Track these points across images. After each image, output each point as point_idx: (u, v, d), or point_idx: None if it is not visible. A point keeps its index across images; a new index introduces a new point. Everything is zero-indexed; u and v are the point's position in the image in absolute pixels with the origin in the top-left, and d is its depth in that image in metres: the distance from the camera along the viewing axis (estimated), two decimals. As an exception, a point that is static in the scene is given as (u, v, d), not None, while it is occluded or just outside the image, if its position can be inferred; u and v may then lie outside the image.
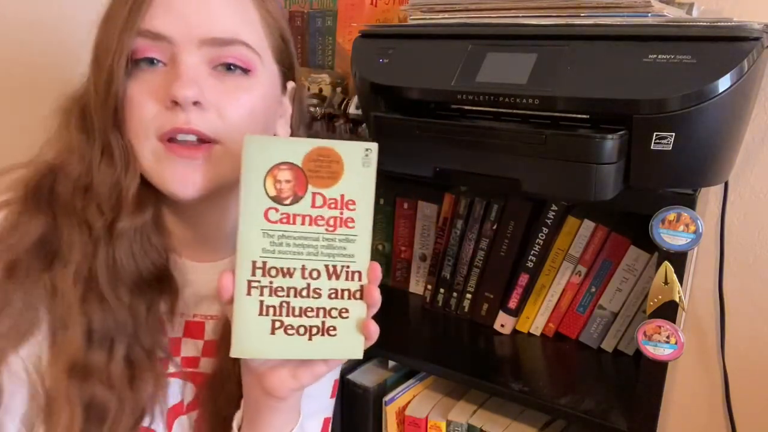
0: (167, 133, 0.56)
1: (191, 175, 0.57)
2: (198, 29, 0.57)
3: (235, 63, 0.59)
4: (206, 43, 0.57)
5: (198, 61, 0.57)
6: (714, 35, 0.62)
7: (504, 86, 0.69)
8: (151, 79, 0.57)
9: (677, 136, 0.62)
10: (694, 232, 0.67)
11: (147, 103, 0.56)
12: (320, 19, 1.09)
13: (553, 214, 0.93)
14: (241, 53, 0.59)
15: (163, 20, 0.56)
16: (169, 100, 0.55)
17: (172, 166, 0.57)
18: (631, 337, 0.91)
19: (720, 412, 0.96)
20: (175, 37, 0.56)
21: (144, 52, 0.57)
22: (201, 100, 0.56)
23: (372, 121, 0.78)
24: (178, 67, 0.56)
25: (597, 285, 0.92)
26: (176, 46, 0.56)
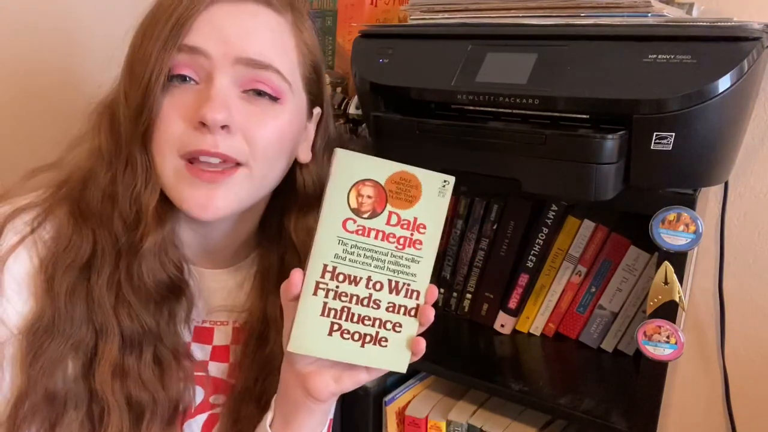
0: (191, 153, 0.57)
1: (212, 200, 0.58)
2: (235, 47, 0.58)
3: (265, 90, 0.60)
4: (241, 62, 0.58)
5: (229, 82, 0.58)
6: (714, 35, 0.62)
7: (504, 86, 0.69)
8: (182, 96, 0.57)
9: (677, 136, 0.62)
10: (694, 232, 0.67)
11: (176, 121, 0.57)
12: (320, 19, 1.09)
13: (553, 214, 0.93)
14: (273, 80, 0.60)
15: (204, 36, 0.57)
16: (197, 120, 0.56)
17: (192, 188, 0.58)
18: (632, 337, 0.91)
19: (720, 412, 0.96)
20: (213, 52, 0.57)
21: (180, 68, 0.57)
22: (230, 124, 0.57)
23: (372, 121, 0.78)
24: (210, 88, 0.57)
25: (597, 285, 0.92)
26: (212, 61, 0.57)
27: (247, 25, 0.59)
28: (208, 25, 0.58)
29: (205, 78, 0.58)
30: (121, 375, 0.60)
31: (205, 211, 0.58)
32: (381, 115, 0.78)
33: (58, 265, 0.59)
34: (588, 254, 0.92)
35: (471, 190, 1.01)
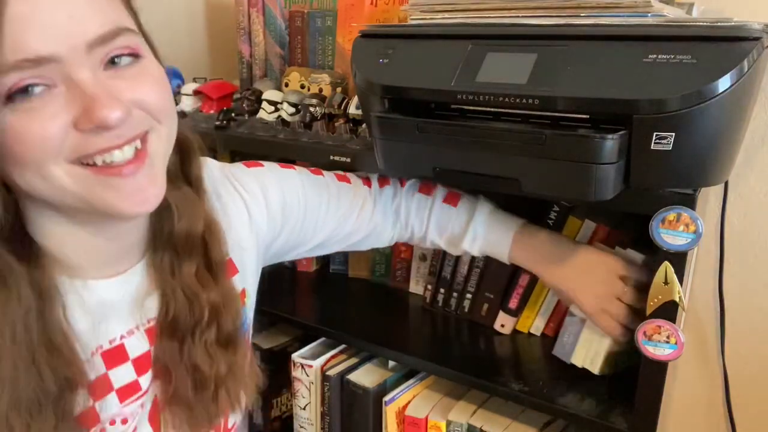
0: (93, 154, 0.50)
1: (146, 191, 0.53)
2: (81, 33, 0.48)
3: (123, 53, 0.52)
4: (93, 45, 0.49)
5: (92, 71, 0.49)
6: (714, 35, 0.62)
7: (504, 86, 0.69)
8: (38, 107, 0.48)
9: (677, 136, 0.62)
10: (694, 232, 0.67)
11: (50, 128, 0.48)
12: (320, 19, 1.09)
13: (555, 214, 0.93)
14: (128, 42, 0.52)
15: (40, 40, 0.46)
16: (91, 124, 0.48)
17: (116, 189, 0.52)
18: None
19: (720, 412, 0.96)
20: (62, 52, 0.47)
21: (19, 85, 0.47)
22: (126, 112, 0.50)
23: (372, 121, 0.78)
24: (81, 87, 0.48)
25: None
26: (65, 63, 0.47)
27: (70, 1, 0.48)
28: (30, 23, 0.46)
29: (61, 80, 0.48)
30: None
31: (143, 205, 0.53)
32: (381, 115, 0.78)
33: None
34: None
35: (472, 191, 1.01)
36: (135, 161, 0.52)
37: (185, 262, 0.64)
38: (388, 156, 0.79)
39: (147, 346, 0.64)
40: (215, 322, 0.65)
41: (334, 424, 1.02)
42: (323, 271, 1.25)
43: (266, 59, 1.16)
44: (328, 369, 1.01)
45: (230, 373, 0.66)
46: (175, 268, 0.63)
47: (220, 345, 0.66)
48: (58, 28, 0.47)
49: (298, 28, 1.13)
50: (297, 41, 1.13)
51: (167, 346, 0.64)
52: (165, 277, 0.63)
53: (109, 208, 0.52)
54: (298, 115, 1.01)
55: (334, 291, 1.18)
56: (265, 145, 0.99)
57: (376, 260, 1.18)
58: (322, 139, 0.95)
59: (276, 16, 1.13)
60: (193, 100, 1.14)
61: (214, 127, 1.04)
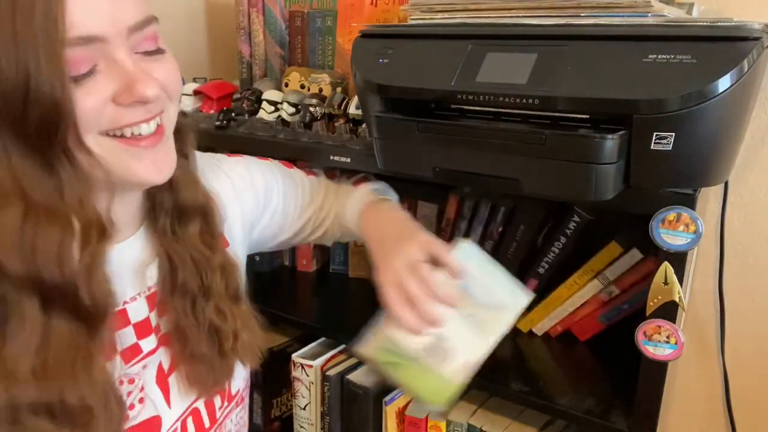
0: (126, 126, 0.55)
1: (163, 161, 0.59)
2: (124, 19, 0.53)
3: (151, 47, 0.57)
4: (132, 31, 0.54)
5: (129, 54, 0.54)
6: (714, 35, 0.62)
7: (504, 86, 0.69)
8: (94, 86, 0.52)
9: (677, 136, 0.62)
10: (694, 232, 0.67)
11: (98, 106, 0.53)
12: (320, 19, 1.09)
13: (575, 224, 0.91)
14: (153, 31, 0.57)
15: (91, 20, 0.51)
16: (133, 99, 0.54)
17: (138, 159, 0.57)
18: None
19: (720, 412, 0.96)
20: (107, 35, 0.52)
21: (78, 67, 0.51)
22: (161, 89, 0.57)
23: (372, 121, 0.78)
24: (122, 67, 0.53)
25: (631, 304, 0.90)
26: (109, 44, 0.52)
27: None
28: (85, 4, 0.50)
29: (103, 58, 0.53)
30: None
31: (159, 174, 0.59)
32: (381, 115, 0.78)
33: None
34: (627, 280, 0.90)
35: (475, 192, 1.01)
36: (155, 135, 0.58)
37: (189, 227, 0.68)
38: (388, 156, 0.79)
39: (147, 312, 0.67)
40: (225, 280, 0.70)
41: (334, 424, 1.02)
42: (323, 271, 1.25)
43: (266, 59, 1.16)
44: (328, 369, 1.01)
45: (244, 325, 0.71)
46: (179, 234, 0.67)
47: (231, 299, 0.70)
48: (105, 12, 0.52)
49: (298, 28, 1.13)
50: (297, 41, 1.14)
51: (179, 309, 0.67)
52: (169, 243, 0.67)
53: (132, 176, 0.57)
54: (298, 115, 1.01)
55: (334, 291, 1.18)
56: (265, 145, 0.99)
57: (375, 260, 1.18)
58: (322, 139, 0.96)
59: (276, 16, 1.13)
60: (193, 100, 1.14)
61: (214, 127, 1.04)
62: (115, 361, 0.63)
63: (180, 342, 0.68)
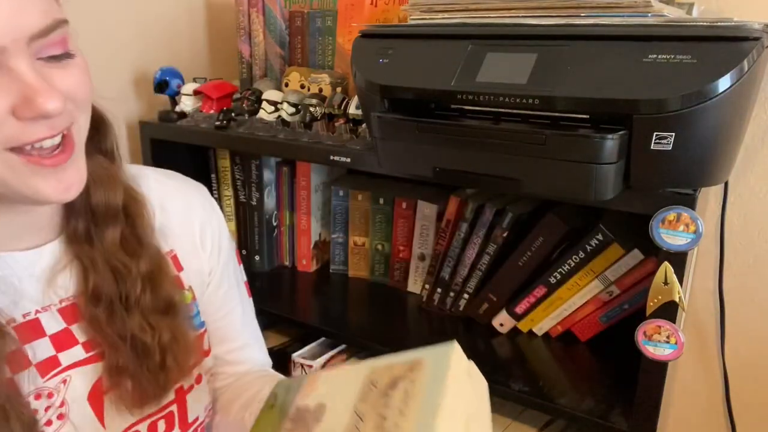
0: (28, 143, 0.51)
1: (68, 180, 0.55)
2: (27, 26, 0.49)
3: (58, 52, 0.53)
4: (34, 38, 0.50)
5: (30, 62, 0.50)
6: (714, 35, 0.62)
7: (504, 86, 0.69)
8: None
9: (677, 136, 0.62)
10: (694, 232, 0.67)
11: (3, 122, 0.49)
12: (320, 19, 1.09)
13: (597, 242, 0.89)
14: (62, 35, 0.53)
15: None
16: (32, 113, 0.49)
17: (43, 178, 0.53)
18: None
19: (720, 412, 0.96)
20: (4, 42, 0.48)
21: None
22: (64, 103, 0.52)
23: (372, 121, 0.78)
24: (22, 77, 0.49)
25: (632, 304, 0.90)
26: (7, 53, 0.48)
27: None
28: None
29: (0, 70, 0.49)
30: None
31: (67, 193, 0.55)
32: (381, 115, 0.78)
33: None
34: (627, 280, 0.90)
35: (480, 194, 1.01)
36: (63, 153, 0.54)
37: (107, 232, 0.63)
38: (388, 156, 0.79)
39: (63, 324, 0.62)
40: (150, 289, 0.64)
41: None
42: (323, 271, 1.25)
43: (266, 59, 1.16)
44: (328, 369, 1.01)
45: (174, 340, 0.65)
46: (95, 238, 0.63)
47: (159, 311, 0.65)
48: (3, 19, 0.48)
49: (298, 28, 1.13)
50: (297, 41, 1.13)
51: (95, 321, 0.62)
52: (82, 248, 0.63)
53: (35, 194, 0.53)
54: (298, 115, 1.01)
55: (334, 291, 1.18)
56: (265, 145, 0.99)
57: (375, 260, 1.18)
58: (322, 139, 0.96)
59: (276, 16, 1.13)
60: (193, 100, 1.14)
61: (214, 127, 1.04)
62: (28, 374, 0.59)
63: (106, 356, 0.63)
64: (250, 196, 1.21)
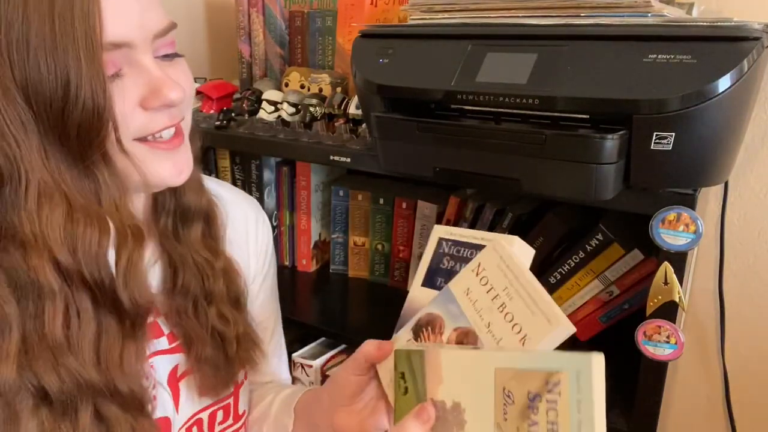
0: (155, 132, 0.56)
1: (183, 163, 0.60)
2: (151, 26, 0.54)
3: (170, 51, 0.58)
4: (158, 36, 0.55)
5: (152, 59, 0.55)
6: (714, 35, 0.62)
7: (504, 86, 0.69)
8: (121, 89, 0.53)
9: (677, 136, 0.62)
10: (694, 232, 0.67)
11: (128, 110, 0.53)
12: (320, 19, 1.09)
13: (597, 242, 0.89)
14: (173, 36, 0.58)
15: (123, 26, 0.52)
16: (159, 104, 0.54)
17: (159, 161, 0.57)
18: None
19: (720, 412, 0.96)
20: (136, 40, 0.53)
21: (111, 70, 0.52)
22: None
23: (372, 121, 0.78)
24: (149, 72, 0.54)
25: (632, 304, 0.90)
26: (136, 49, 0.53)
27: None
28: (118, 10, 0.51)
29: (128, 64, 0.53)
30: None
31: (180, 176, 0.59)
32: (381, 115, 0.78)
33: None
34: (627, 280, 0.89)
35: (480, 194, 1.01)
36: (176, 139, 0.59)
37: (192, 230, 0.67)
38: (388, 156, 0.79)
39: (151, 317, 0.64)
40: (227, 285, 0.69)
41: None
42: (323, 271, 1.25)
43: (266, 59, 1.16)
44: (328, 369, 1.01)
45: (245, 332, 0.70)
46: (182, 236, 0.67)
47: (233, 305, 0.70)
48: (135, 19, 0.53)
49: (298, 28, 1.13)
50: (297, 41, 1.14)
51: (181, 311, 0.66)
52: (171, 244, 0.66)
53: (156, 177, 0.58)
54: (298, 115, 1.01)
55: (333, 291, 1.18)
56: (265, 145, 0.99)
57: (375, 260, 1.18)
58: (322, 139, 0.96)
59: (276, 16, 1.13)
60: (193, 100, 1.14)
61: (214, 127, 1.04)
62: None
63: (186, 345, 0.67)
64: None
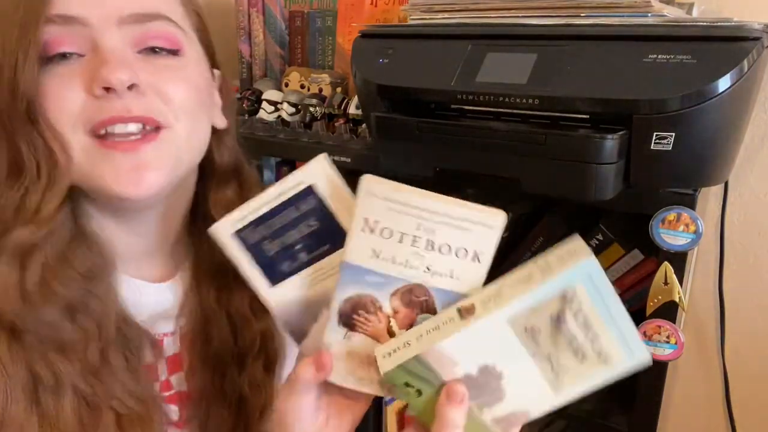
0: (103, 123, 0.49)
1: (141, 171, 0.49)
2: (115, 6, 0.50)
3: (162, 44, 0.52)
4: (126, 21, 0.50)
5: (121, 44, 0.50)
6: (714, 35, 0.62)
7: (504, 86, 0.69)
8: (69, 71, 0.49)
9: (677, 136, 0.62)
10: (694, 232, 0.67)
11: (69, 93, 0.48)
12: (320, 19, 1.09)
13: (598, 241, 0.89)
14: (167, 30, 0.52)
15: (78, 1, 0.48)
16: (98, 87, 0.48)
17: (112, 164, 0.49)
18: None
19: (720, 412, 0.96)
20: (91, 18, 0.48)
21: (57, 45, 0.48)
22: (137, 82, 0.49)
23: (372, 121, 0.78)
24: (101, 52, 0.48)
25: (632, 304, 0.90)
26: (93, 29, 0.49)
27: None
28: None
29: (91, 48, 0.49)
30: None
31: (136, 186, 0.49)
32: (381, 115, 0.78)
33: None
34: (627, 280, 0.89)
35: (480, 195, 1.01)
36: (142, 142, 0.50)
37: (235, 291, 0.61)
38: (388, 156, 0.79)
39: (178, 347, 0.62)
40: (265, 349, 0.63)
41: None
42: (323, 271, 1.24)
43: (266, 59, 1.16)
44: (328, 369, 1.01)
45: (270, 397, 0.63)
46: (223, 297, 0.61)
47: (267, 372, 0.63)
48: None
49: (298, 28, 1.13)
50: (297, 41, 1.13)
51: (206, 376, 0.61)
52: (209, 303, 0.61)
53: (102, 186, 0.50)
54: (298, 115, 1.01)
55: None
56: (265, 145, 0.99)
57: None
58: (322, 139, 0.96)
59: (276, 16, 1.13)
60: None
61: (214, 127, 1.04)
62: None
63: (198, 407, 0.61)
64: (250, 196, 1.21)
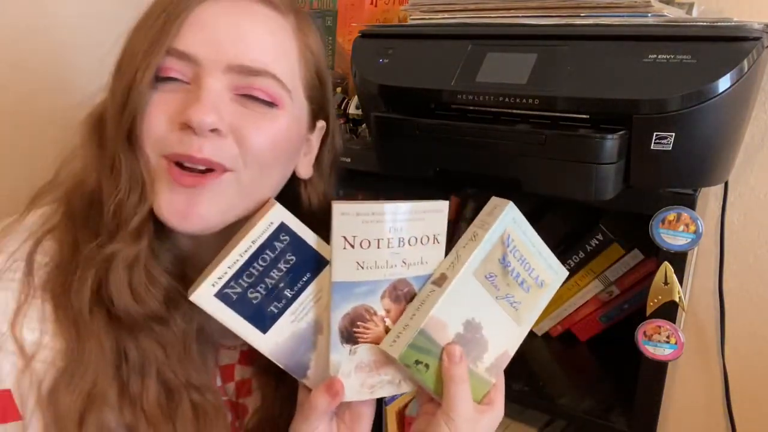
0: (173, 155, 0.53)
1: (193, 207, 0.53)
2: (227, 54, 0.54)
3: (261, 96, 0.55)
4: (233, 70, 0.54)
5: (221, 87, 0.54)
6: (714, 35, 0.62)
7: (504, 86, 0.69)
8: (170, 96, 0.53)
9: (677, 136, 0.62)
10: (694, 232, 0.67)
11: (160, 119, 0.53)
12: (320, 19, 1.09)
13: (597, 242, 0.90)
14: (269, 86, 0.56)
15: (193, 40, 0.53)
16: (181, 121, 0.52)
17: (171, 192, 0.53)
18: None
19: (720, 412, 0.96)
20: (202, 58, 0.53)
21: (167, 71, 0.54)
22: (220, 127, 0.53)
23: (372, 121, 0.78)
24: (199, 90, 0.53)
25: (632, 304, 0.90)
26: (202, 68, 0.53)
27: (242, 26, 0.55)
28: (199, 27, 0.54)
29: (194, 79, 0.54)
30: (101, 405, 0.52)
31: (185, 221, 0.53)
32: (381, 115, 0.78)
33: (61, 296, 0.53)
34: (627, 280, 0.90)
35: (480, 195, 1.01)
36: (201, 178, 0.53)
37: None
38: (388, 156, 0.79)
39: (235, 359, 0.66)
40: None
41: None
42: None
43: (266, 59, 1.16)
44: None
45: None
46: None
47: None
48: (216, 43, 0.54)
49: (298, 28, 1.12)
50: (297, 41, 1.13)
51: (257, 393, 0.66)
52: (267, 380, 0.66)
53: (158, 208, 0.54)
54: (298, 115, 1.01)
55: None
56: (265, 145, 0.99)
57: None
58: (322, 139, 0.95)
59: (276, 16, 1.13)
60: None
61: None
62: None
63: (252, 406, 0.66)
64: (250, 196, 1.21)
